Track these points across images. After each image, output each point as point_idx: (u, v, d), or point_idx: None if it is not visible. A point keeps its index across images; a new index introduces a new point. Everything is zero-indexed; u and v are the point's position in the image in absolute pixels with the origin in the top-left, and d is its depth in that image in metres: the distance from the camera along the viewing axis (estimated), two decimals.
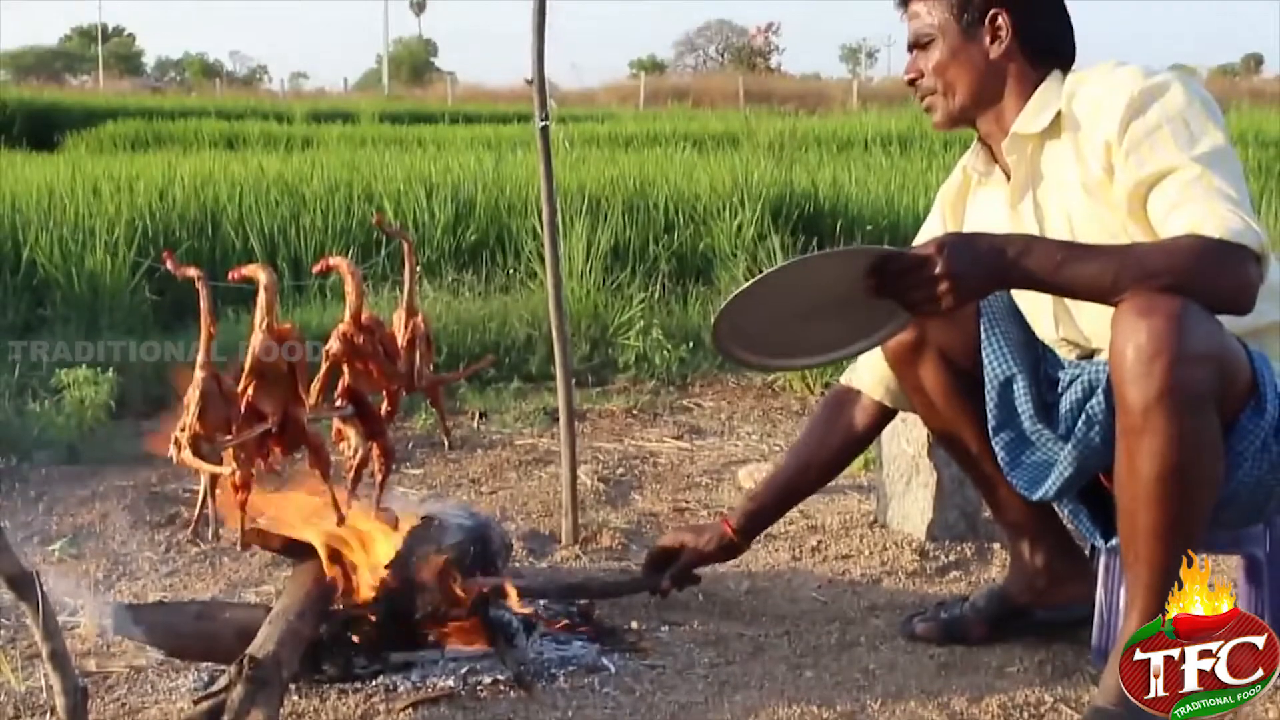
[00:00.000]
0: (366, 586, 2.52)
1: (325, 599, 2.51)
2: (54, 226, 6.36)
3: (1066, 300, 2.41)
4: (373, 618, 2.53)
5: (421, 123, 22.56)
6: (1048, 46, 2.45)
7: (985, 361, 2.47)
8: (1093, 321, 2.39)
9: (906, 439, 3.44)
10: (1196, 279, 2.05)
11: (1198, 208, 2.10)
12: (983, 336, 2.48)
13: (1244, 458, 2.12)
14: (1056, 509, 2.62)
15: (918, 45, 2.51)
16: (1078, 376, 2.36)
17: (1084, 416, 2.28)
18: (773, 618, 2.90)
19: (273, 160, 10.21)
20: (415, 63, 79.68)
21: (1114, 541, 2.28)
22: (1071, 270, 2.10)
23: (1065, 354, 2.47)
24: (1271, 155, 12.36)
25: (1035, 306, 2.49)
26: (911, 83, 2.54)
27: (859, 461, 4.07)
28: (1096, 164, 2.28)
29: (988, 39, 2.43)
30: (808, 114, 23.13)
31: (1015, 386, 2.43)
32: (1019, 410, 2.42)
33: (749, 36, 68.58)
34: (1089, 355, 2.43)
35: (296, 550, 2.61)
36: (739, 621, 2.88)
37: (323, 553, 2.52)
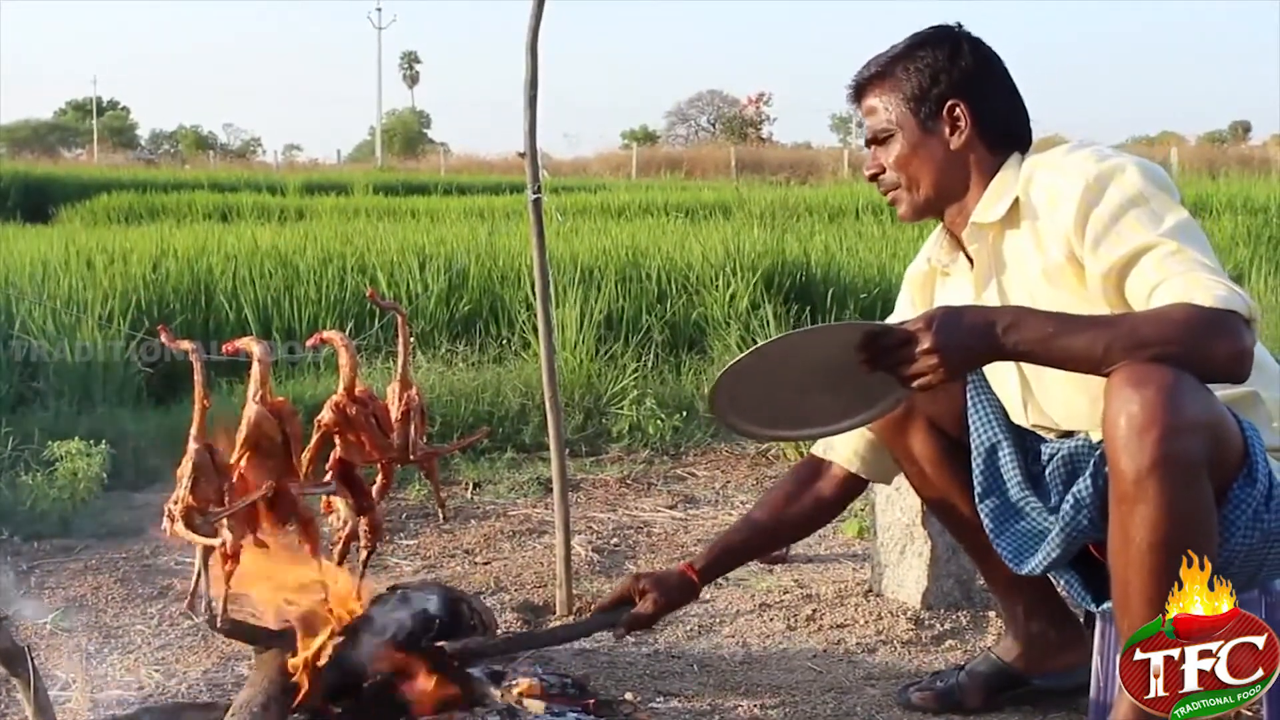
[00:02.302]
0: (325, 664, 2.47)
1: (290, 688, 2.44)
2: (47, 299, 6.37)
3: (1034, 387, 2.43)
4: (338, 711, 2.48)
5: (415, 194, 22.78)
6: (1005, 132, 2.45)
7: (971, 428, 2.48)
8: (1061, 406, 2.40)
9: (900, 507, 3.44)
10: (1190, 347, 2.05)
11: (1180, 281, 2.10)
12: (969, 404, 2.49)
13: (1236, 526, 2.12)
14: (1050, 576, 2.61)
15: (876, 141, 2.50)
16: (1058, 451, 2.37)
17: (1071, 499, 2.27)
18: (769, 688, 2.89)
19: (266, 232, 10.26)
20: (408, 134, 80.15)
21: (1106, 605, 2.28)
22: (1062, 342, 2.09)
23: (1044, 433, 2.48)
24: (1259, 222, 12.45)
25: (1004, 394, 2.50)
26: (873, 177, 2.53)
27: (853, 529, 4.08)
28: (1057, 251, 2.28)
29: (947, 130, 2.42)
30: (799, 183, 23.35)
31: (1000, 453, 2.44)
32: (1005, 477, 2.43)
33: (740, 107, 69.24)
34: (1066, 435, 2.44)
35: (265, 638, 2.52)
36: (735, 692, 2.87)
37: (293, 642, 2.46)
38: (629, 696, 2.81)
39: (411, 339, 2.73)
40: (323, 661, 2.45)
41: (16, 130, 72.56)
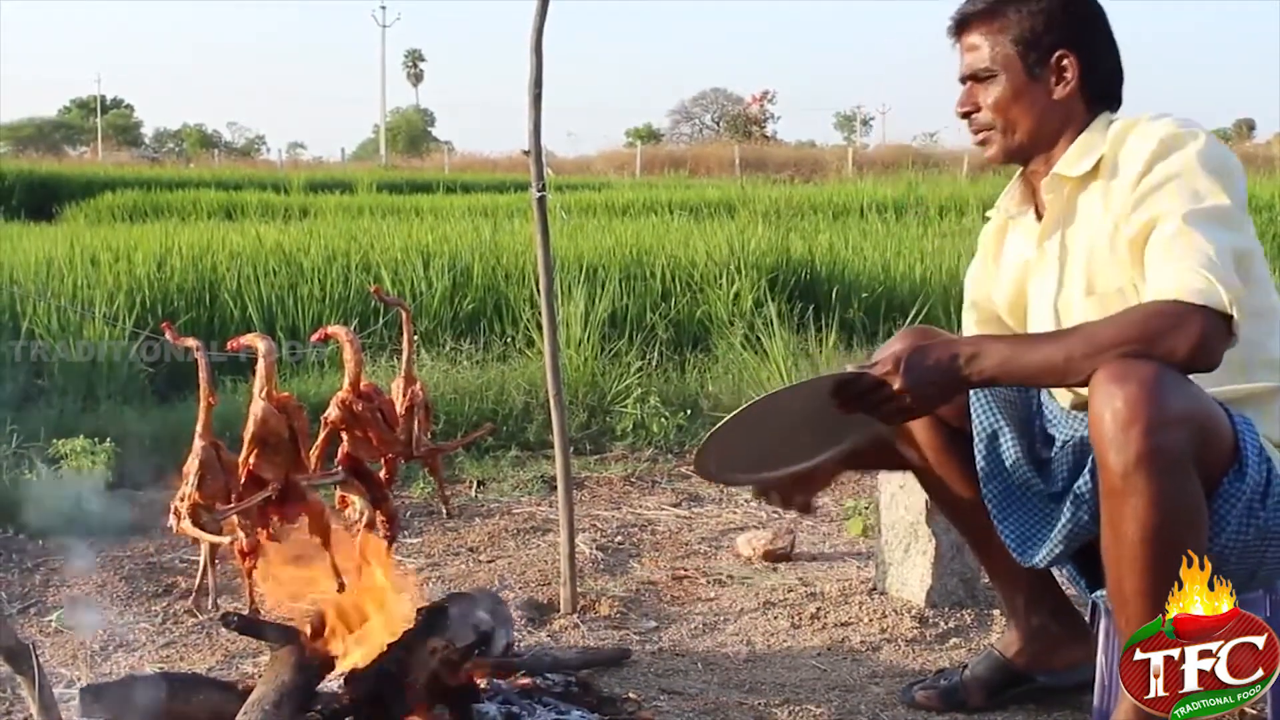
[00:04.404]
0: (349, 672, 2.46)
1: (305, 688, 2.43)
2: (52, 297, 6.38)
3: None
4: (352, 702, 2.47)
5: (419, 192, 22.77)
6: (1105, 89, 2.43)
7: (972, 415, 2.49)
8: None
9: (905, 506, 3.44)
10: (1148, 345, 2.07)
11: (1168, 269, 2.12)
12: (970, 392, 2.49)
13: (1227, 521, 2.12)
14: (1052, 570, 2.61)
15: (975, 78, 2.46)
16: (1069, 439, 2.38)
17: (1072, 496, 2.29)
18: (772, 686, 2.89)
19: (271, 230, 10.25)
20: (412, 132, 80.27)
21: (1101, 592, 2.28)
22: (1021, 361, 2.15)
23: (1062, 402, 2.47)
24: (1264, 220, 12.46)
25: None
26: (966, 115, 2.49)
27: (857, 528, 4.08)
28: (1121, 212, 2.28)
29: (1052, 79, 2.40)
30: (803, 181, 23.35)
31: (1001, 440, 2.45)
32: (1006, 463, 2.44)
33: (744, 105, 69.24)
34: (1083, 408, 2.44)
35: (278, 635, 2.50)
36: (738, 690, 2.87)
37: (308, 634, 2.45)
38: (633, 695, 2.81)
39: (415, 336, 2.74)
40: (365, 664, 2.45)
41: (21, 128, 72.66)
